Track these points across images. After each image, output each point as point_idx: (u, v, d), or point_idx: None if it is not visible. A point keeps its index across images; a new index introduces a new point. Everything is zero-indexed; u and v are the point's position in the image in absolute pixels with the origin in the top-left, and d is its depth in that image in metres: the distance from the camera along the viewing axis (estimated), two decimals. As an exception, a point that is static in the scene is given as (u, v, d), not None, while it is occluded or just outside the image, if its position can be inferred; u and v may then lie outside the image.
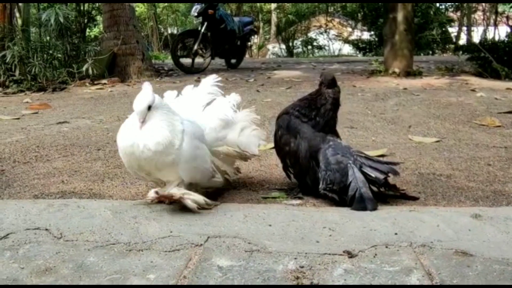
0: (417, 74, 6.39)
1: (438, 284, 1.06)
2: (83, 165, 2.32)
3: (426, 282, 1.07)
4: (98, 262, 1.18)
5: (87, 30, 7.34)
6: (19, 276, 1.12)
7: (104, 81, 6.16)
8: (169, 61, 9.53)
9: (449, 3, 14.30)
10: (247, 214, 1.50)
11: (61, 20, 5.84)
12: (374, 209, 1.56)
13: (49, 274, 1.12)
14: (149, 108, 1.53)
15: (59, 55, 6.18)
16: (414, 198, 1.81)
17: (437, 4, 13.54)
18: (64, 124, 3.46)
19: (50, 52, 6.13)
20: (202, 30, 7.37)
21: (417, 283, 1.07)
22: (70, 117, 3.80)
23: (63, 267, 1.15)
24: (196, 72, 7.34)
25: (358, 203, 1.58)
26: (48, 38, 6.38)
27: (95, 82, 6.06)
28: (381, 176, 1.70)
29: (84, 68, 5.94)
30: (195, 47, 7.35)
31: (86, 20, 6.79)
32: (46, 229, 1.37)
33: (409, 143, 2.84)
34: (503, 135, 3.03)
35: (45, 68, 5.85)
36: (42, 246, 1.26)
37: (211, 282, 1.09)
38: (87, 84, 5.99)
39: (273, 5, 17.08)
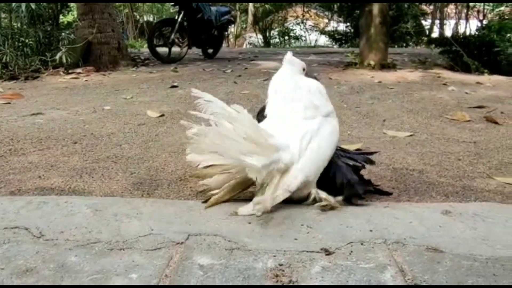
0: (392, 66, 6.50)
1: (410, 280, 1.12)
2: (59, 159, 2.30)
3: (399, 278, 1.12)
4: (79, 262, 1.19)
5: (61, 16, 7.14)
6: (-1, 277, 1.12)
7: (78, 70, 6.03)
8: (145, 49, 9.39)
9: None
10: (227, 211, 1.53)
11: (32, 6, 5.69)
12: (364, 192, 1.64)
13: (30, 275, 1.12)
14: None
15: (31, 43, 6.02)
16: (388, 194, 1.87)
17: (412, -3, 13.71)
18: (38, 116, 3.39)
19: (22, 39, 5.96)
20: (179, 19, 7.30)
21: (391, 279, 1.12)
22: (44, 108, 3.72)
23: (44, 267, 1.16)
24: (172, 62, 7.28)
25: (349, 189, 1.63)
26: (19, 24, 6.21)
27: (69, 71, 5.92)
28: (359, 165, 1.77)
29: (57, 57, 5.81)
30: (172, 36, 7.28)
31: (59, 7, 6.61)
32: (25, 228, 1.36)
33: (383, 137, 2.91)
34: (473, 129, 3.13)
35: (17, 56, 5.71)
36: (22, 246, 1.26)
37: (193, 281, 1.11)
38: (61, 73, 5.86)
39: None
